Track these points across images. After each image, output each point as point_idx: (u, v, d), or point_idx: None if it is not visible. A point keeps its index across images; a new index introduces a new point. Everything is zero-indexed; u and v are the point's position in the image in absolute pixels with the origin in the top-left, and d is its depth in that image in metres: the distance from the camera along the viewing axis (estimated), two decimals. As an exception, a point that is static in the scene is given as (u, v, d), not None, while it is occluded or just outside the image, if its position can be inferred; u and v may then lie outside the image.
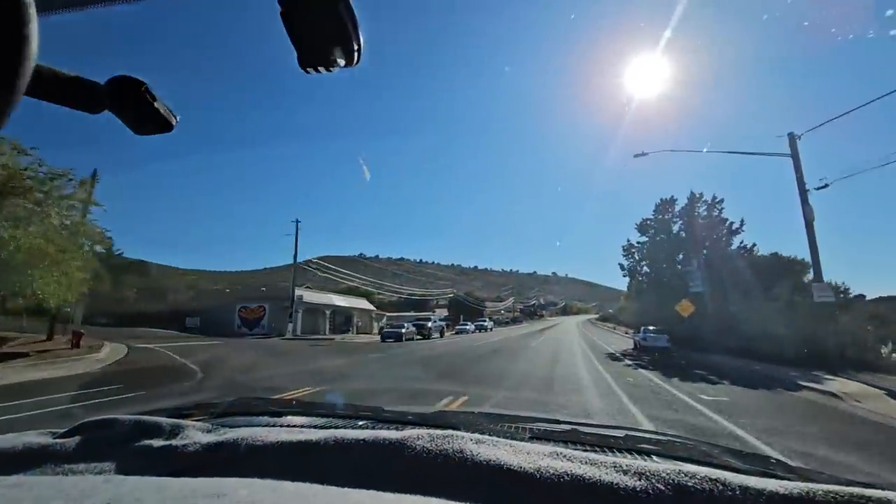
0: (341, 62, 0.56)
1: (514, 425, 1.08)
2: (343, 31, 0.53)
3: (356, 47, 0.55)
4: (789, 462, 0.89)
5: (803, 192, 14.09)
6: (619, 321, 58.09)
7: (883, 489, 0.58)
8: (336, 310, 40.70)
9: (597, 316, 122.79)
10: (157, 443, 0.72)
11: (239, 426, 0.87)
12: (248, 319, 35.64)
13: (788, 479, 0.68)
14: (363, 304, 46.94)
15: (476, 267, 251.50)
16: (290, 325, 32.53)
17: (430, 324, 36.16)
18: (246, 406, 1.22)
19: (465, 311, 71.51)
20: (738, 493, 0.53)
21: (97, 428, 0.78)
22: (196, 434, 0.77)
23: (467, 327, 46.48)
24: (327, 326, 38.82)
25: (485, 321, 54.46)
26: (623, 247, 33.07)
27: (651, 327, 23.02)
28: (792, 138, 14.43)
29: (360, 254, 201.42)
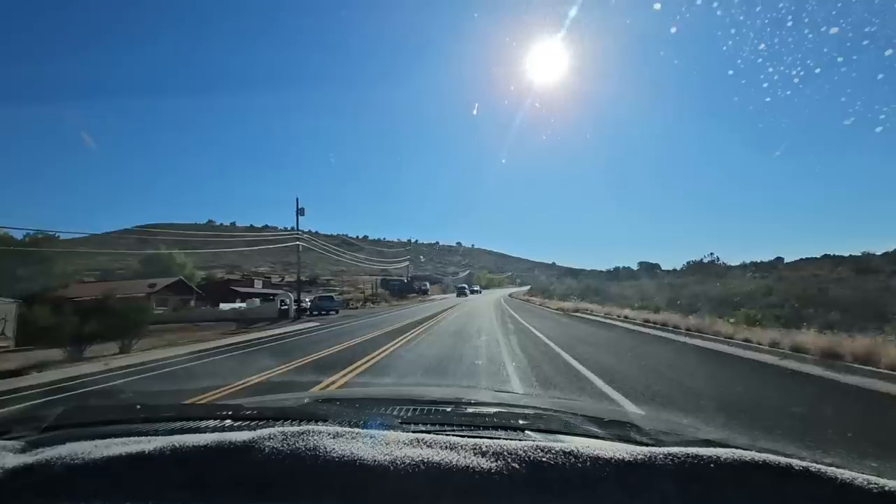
0: None
1: (390, 409, 1.05)
2: None
3: None
4: (644, 426, 0.92)
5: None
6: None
7: (721, 445, 0.62)
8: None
9: (525, 289, 73.54)
10: None
11: (66, 441, 0.75)
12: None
13: (640, 444, 0.73)
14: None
15: (366, 237, 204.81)
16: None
17: None
18: (81, 416, 1.05)
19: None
20: (588, 464, 0.56)
21: None
22: (2, 456, 0.66)
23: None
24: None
25: None
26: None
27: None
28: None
29: (209, 221, 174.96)
